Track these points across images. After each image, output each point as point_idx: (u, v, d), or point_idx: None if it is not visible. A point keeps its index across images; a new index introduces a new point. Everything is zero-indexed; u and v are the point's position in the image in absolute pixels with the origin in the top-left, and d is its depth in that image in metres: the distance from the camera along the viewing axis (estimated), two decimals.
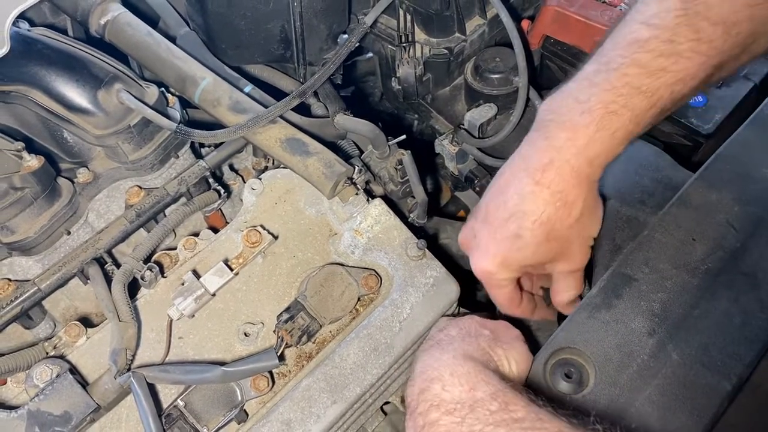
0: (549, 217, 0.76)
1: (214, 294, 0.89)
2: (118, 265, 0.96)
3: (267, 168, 1.13)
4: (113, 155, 1.03)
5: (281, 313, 0.87)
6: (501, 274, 0.80)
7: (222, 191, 1.05)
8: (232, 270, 0.90)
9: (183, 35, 1.24)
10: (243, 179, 1.14)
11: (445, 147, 1.27)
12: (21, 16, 0.97)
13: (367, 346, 0.87)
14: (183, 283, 0.88)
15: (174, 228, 1.01)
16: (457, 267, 1.01)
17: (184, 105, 1.11)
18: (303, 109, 1.14)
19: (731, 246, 0.80)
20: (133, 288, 0.91)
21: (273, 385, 0.86)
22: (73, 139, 1.02)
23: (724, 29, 0.73)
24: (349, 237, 0.96)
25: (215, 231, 0.98)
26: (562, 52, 1.26)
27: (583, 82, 0.77)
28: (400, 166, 1.10)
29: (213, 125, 1.06)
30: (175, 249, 0.95)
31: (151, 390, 0.83)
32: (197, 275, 0.89)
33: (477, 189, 1.26)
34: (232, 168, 1.17)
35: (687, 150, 1.13)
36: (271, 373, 0.86)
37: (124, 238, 0.97)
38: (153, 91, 1.04)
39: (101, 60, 1.03)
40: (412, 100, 1.34)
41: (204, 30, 1.24)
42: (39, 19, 1.18)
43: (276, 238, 0.95)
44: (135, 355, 0.85)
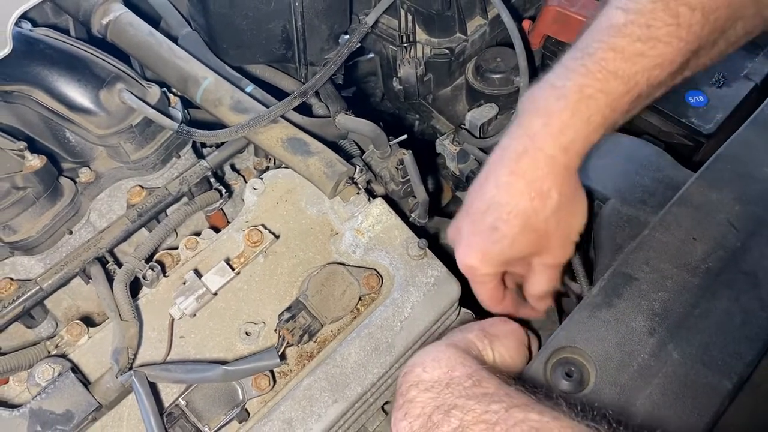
0: (524, 208, 0.74)
1: (215, 293, 0.89)
2: (119, 265, 0.97)
3: (268, 168, 1.13)
4: (115, 155, 1.03)
5: (282, 313, 0.88)
6: (483, 269, 0.79)
7: (223, 191, 1.05)
8: (233, 269, 0.91)
9: (185, 35, 1.25)
10: (244, 179, 1.14)
11: (447, 147, 1.27)
12: (23, 16, 0.97)
13: (368, 345, 0.87)
14: (184, 283, 0.88)
15: (175, 227, 1.01)
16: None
17: (185, 105, 1.11)
18: (304, 109, 1.14)
19: (732, 245, 0.80)
20: (135, 287, 0.91)
21: (274, 384, 0.86)
22: (75, 139, 1.03)
23: (702, 14, 0.72)
24: (351, 236, 0.96)
25: (217, 230, 0.98)
26: (563, 52, 1.26)
27: (560, 68, 0.76)
28: (401, 165, 1.10)
29: (214, 125, 1.06)
30: (177, 248, 0.95)
31: (153, 389, 0.83)
32: (199, 274, 0.89)
33: None
34: (233, 168, 1.17)
35: (688, 150, 1.13)
36: (273, 372, 0.86)
37: (125, 237, 0.97)
38: (155, 91, 1.04)
39: (103, 60, 1.03)
40: (413, 100, 1.34)
41: (206, 30, 1.25)
42: (41, 20, 1.18)
43: (277, 237, 0.95)
44: (136, 354, 0.85)
